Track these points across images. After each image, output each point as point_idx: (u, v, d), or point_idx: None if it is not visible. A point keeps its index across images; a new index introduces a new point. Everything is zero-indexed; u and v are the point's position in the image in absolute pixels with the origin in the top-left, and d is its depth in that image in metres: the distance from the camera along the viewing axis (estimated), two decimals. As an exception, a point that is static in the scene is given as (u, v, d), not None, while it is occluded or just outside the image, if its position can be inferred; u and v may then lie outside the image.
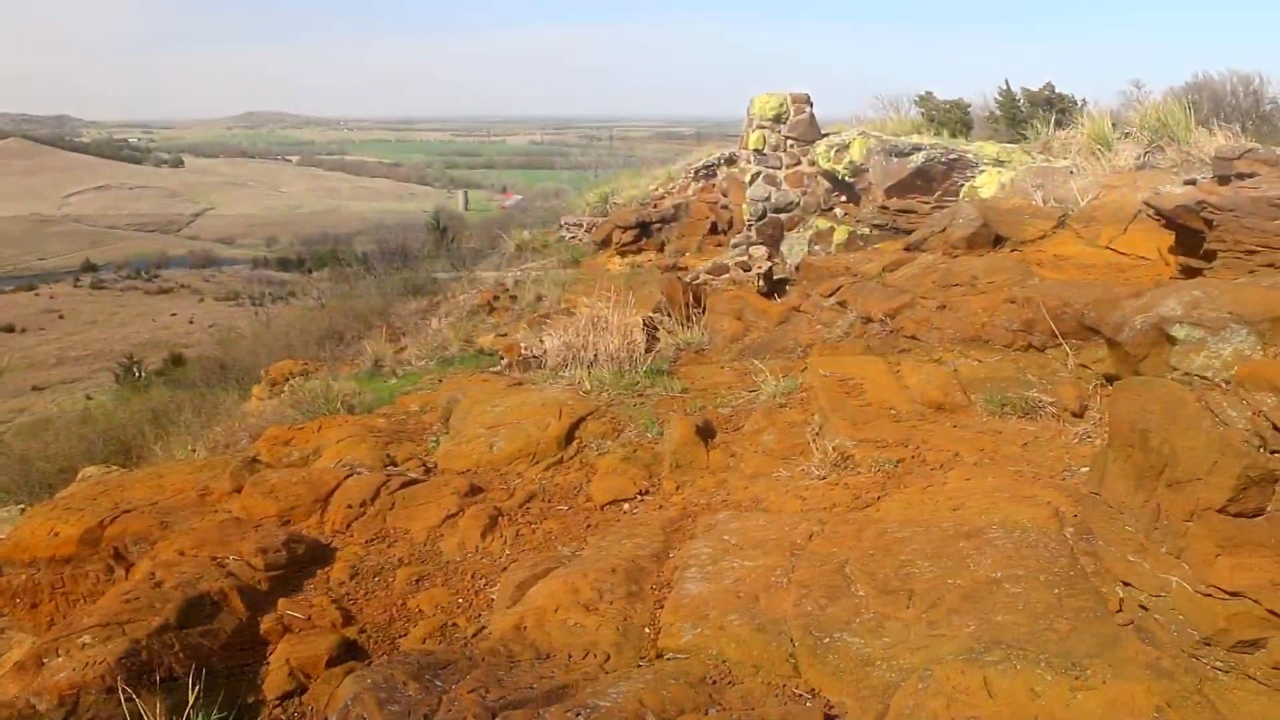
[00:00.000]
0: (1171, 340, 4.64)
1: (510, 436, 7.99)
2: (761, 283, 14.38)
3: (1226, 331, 4.50)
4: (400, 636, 5.56)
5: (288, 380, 13.91)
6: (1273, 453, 3.93)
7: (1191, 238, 8.43)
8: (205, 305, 75.15)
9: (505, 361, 11.43)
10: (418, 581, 6.10)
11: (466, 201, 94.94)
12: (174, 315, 71.76)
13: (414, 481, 7.36)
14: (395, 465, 7.94)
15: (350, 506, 6.91)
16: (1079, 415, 6.94)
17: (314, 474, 7.43)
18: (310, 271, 58.84)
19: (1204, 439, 4.03)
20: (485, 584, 6.03)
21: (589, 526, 6.67)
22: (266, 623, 5.38)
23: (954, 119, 25.46)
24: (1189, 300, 4.81)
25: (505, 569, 6.02)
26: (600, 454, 7.71)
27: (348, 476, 7.35)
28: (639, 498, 7.04)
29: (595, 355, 9.41)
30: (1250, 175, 8.60)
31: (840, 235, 15.11)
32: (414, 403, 10.10)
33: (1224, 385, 4.28)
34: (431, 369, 13.43)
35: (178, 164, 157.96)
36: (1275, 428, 3.94)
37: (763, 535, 5.56)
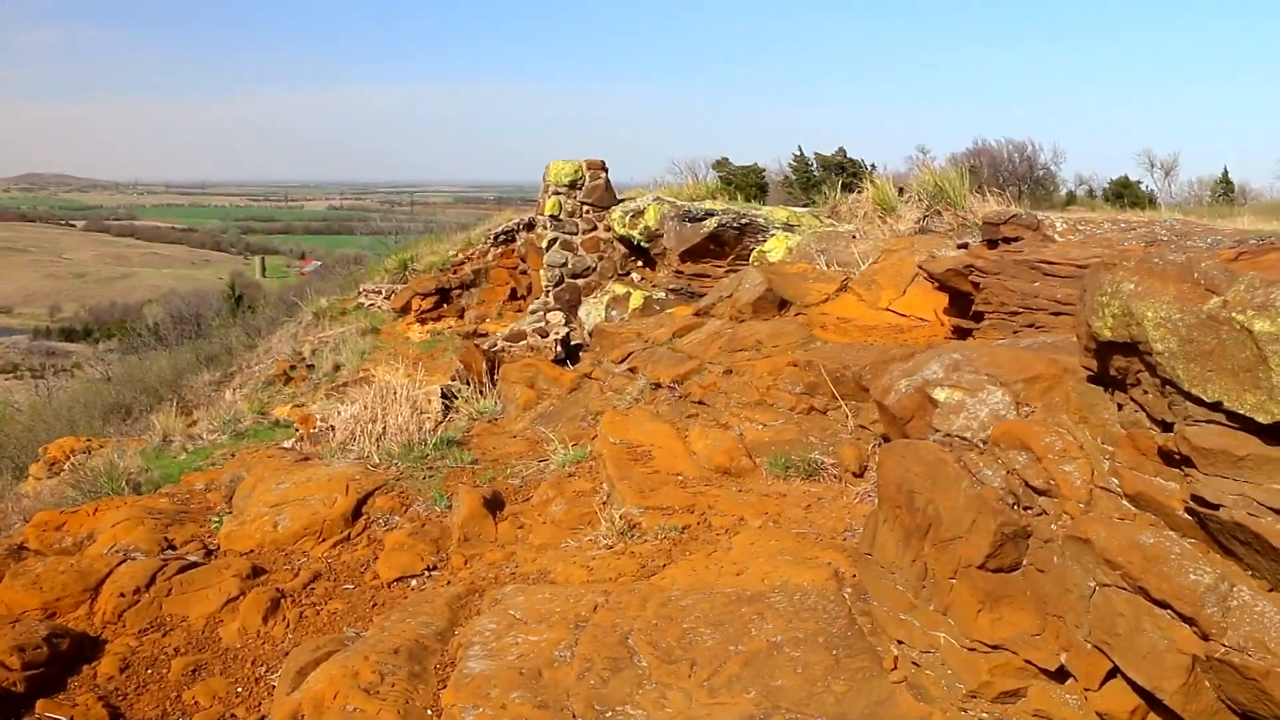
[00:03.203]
0: (934, 402, 4.80)
1: (295, 514, 7.75)
2: (559, 348, 14.40)
3: (983, 393, 4.68)
4: (174, 732, 5.31)
5: (69, 458, 13.22)
6: (1025, 509, 4.09)
7: (962, 299, 8.81)
8: (-22, 379, 70.97)
9: (300, 434, 11.12)
10: (194, 671, 5.84)
11: (263, 268, 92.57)
12: (-59, 390, 67.45)
13: (193, 565, 7.04)
14: (174, 548, 7.60)
15: (123, 595, 6.55)
16: (859, 475, 7.13)
17: (84, 561, 7.03)
18: (97, 342, 56.43)
19: (963, 498, 4.17)
20: (266, 671, 5.82)
21: (375, 605, 6.51)
22: (22, 728, 5.05)
23: (750, 183, 26.19)
24: (950, 363, 4.99)
25: (288, 654, 5.80)
26: (388, 529, 7.54)
27: (121, 563, 6.98)
28: (426, 573, 6.90)
29: (385, 428, 9.22)
30: (1015, 239, 9.03)
31: (636, 300, 15.27)
32: (199, 480, 9.71)
33: (981, 445, 4.44)
34: (224, 443, 12.97)
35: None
36: (1027, 485, 4.11)
37: (548, 608, 5.50)
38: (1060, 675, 3.86)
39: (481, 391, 11.63)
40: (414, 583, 6.83)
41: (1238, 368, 3.29)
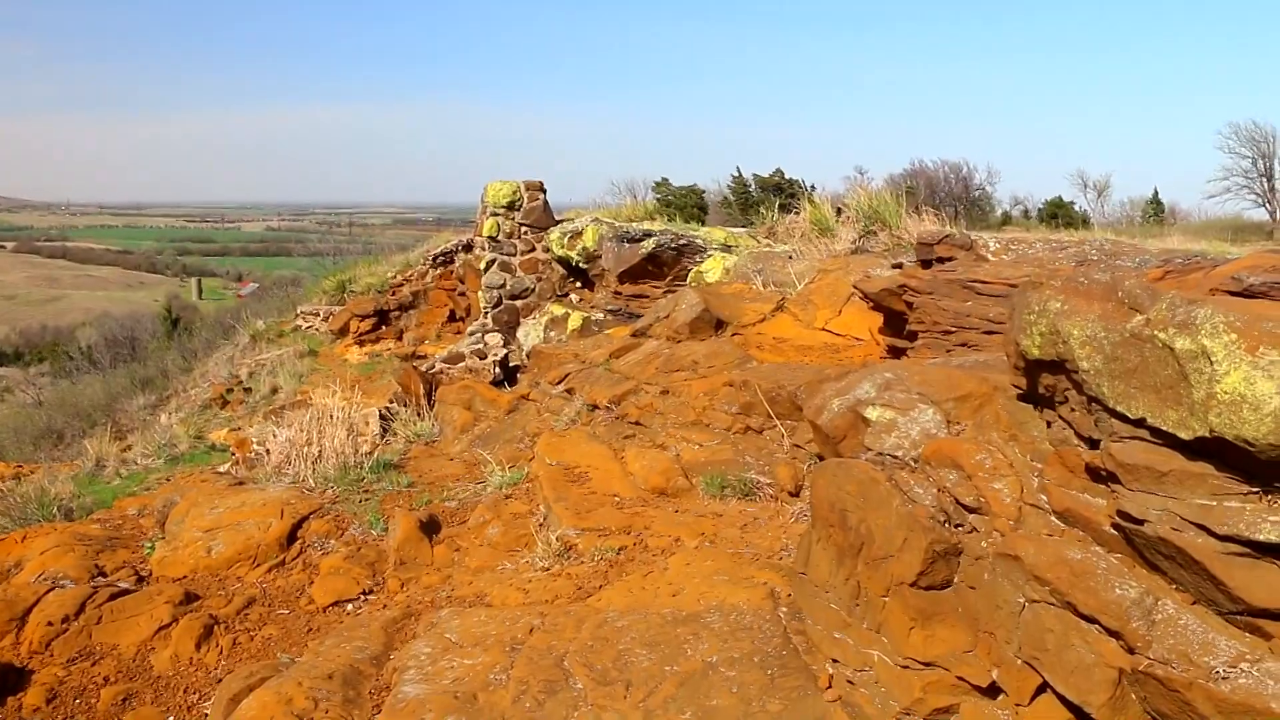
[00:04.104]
0: (866, 422, 4.83)
1: (229, 539, 7.64)
2: (497, 370, 14.37)
3: (915, 411, 4.72)
4: (102, 764, 5.20)
5: (-2, 484, 12.96)
6: (956, 527, 4.12)
7: (897, 319, 8.89)
8: (-96, 405, 69.05)
9: (235, 458, 11.00)
10: (125, 701, 5.72)
11: (200, 290, 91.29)
12: None
13: (125, 592, 6.90)
14: (105, 575, 7.45)
15: (50, 624, 6.40)
16: (795, 494, 7.15)
17: (10, 590, 6.87)
18: (28, 365, 55.54)
19: (894, 516, 4.20)
20: (199, 699, 5.73)
21: (310, 630, 6.42)
22: (-61, 765, 4.92)
23: (689, 204, 26.28)
24: (881, 382, 5.03)
25: (220, 681, 5.71)
26: (324, 554, 7.46)
27: (49, 591, 6.83)
28: (362, 598, 6.83)
29: (320, 451, 9.13)
30: (949, 259, 9.13)
31: (575, 321, 15.26)
32: (132, 506, 9.55)
33: (912, 464, 4.47)
34: (159, 468, 12.80)
35: None
36: (958, 502, 4.14)
37: (484, 631, 5.46)
38: (992, 691, 3.89)
39: (419, 414, 11.57)
40: (349, 607, 6.75)
41: (1160, 385, 3.34)
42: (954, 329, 8.12)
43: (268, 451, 9.94)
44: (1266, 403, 3.03)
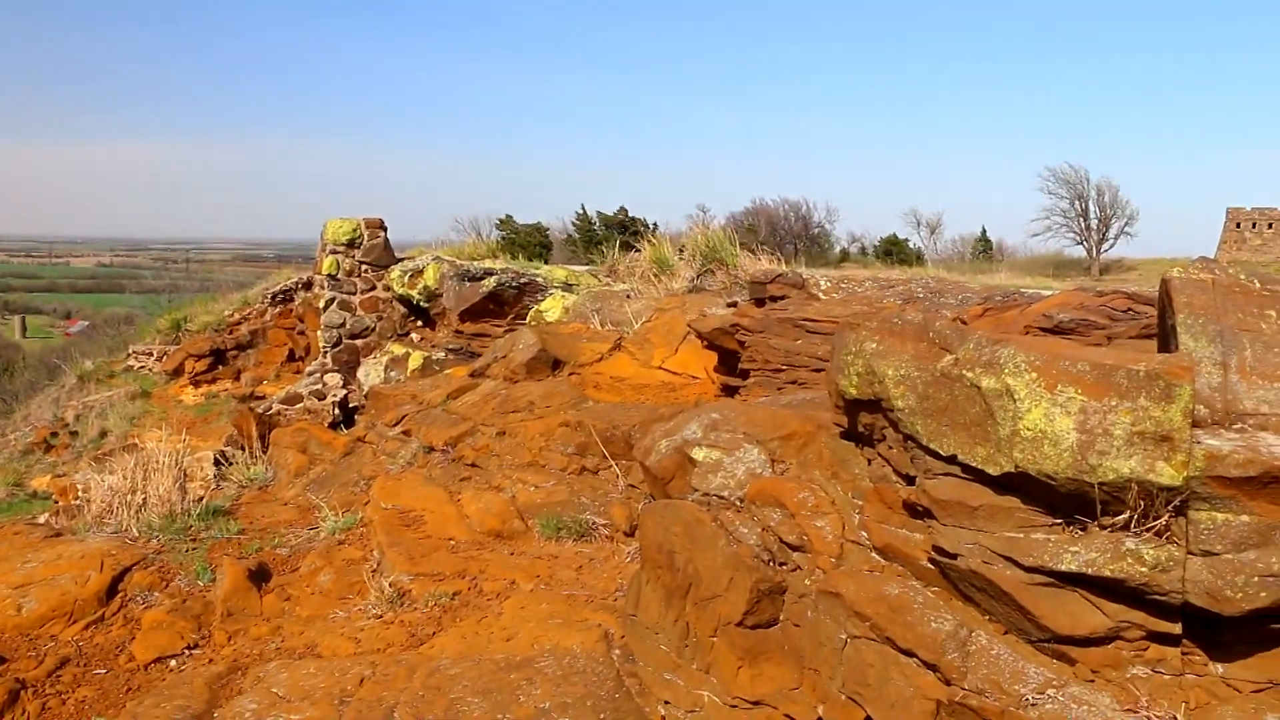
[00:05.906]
0: (693, 462, 4.87)
1: (43, 595, 7.26)
2: (337, 411, 14.11)
3: (740, 451, 4.77)
4: None
5: None
6: (781, 565, 4.17)
7: (730, 357, 9.01)
8: None
9: (57, 506, 10.53)
10: (-85, 781, 5.39)
11: (24, 328, 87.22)
12: None
13: (-81, 660, 6.51)
14: (-101, 641, 7.03)
15: None
16: (630, 534, 7.14)
17: None
18: None
19: (720, 557, 4.23)
20: (2, 770, 5.43)
21: (129, 690, 6.13)
22: None
23: (533, 242, 26.34)
24: (708, 423, 5.07)
25: (27, 750, 5.43)
26: (146, 607, 7.15)
27: None
28: (187, 653, 6.55)
29: (145, 498, 8.78)
30: (782, 298, 9.31)
31: (415, 360, 15.10)
32: (-66, 565, 9.04)
33: (738, 504, 4.51)
34: (-30, 520, 12.17)
35: None
36: (782, 541, 4.19)
37: (312, 684, 5.31)
38: (818, 727, 3.93)
39: (254, 457, 11.27)
40: (173, 663, 6.47)
41: (970, 422, 3.44)
42: (785, 367, 8.25)
43: (89, 500, 9.53)
44: (1065, 438, 3.16)
